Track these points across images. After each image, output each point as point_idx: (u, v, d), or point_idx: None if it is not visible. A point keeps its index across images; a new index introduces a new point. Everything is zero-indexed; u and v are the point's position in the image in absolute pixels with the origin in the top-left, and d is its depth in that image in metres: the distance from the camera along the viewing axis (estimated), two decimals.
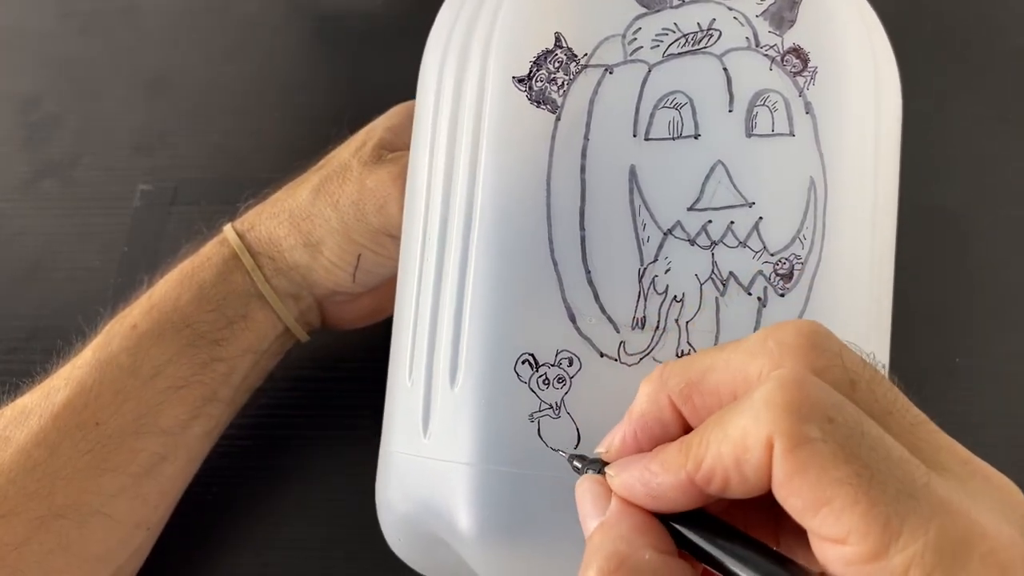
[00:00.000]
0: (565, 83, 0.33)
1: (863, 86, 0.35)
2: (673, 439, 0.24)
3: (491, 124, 0.33)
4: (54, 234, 0.55)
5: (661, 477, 0.23)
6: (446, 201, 0.34)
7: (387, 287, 0.44)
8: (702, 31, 0.33)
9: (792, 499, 0.20)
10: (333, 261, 0.42)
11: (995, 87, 0.57)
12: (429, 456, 0.33)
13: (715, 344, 0.32)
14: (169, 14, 0.65)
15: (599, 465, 0.26)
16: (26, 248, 0.55)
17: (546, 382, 0.32)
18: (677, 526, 0.24)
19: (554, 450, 0.31)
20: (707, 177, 0.33)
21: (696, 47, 0.33)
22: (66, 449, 0.38)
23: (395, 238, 0.41)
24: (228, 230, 0.43)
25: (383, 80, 0.60)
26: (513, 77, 0.33)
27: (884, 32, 0.36)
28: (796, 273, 0.33)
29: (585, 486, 0.26)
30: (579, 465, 0.27)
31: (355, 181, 0.42)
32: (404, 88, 0.42)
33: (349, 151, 0.43)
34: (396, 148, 0.43)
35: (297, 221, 0.42)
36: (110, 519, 0.38)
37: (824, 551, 0.20)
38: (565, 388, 0.32)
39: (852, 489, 0.20)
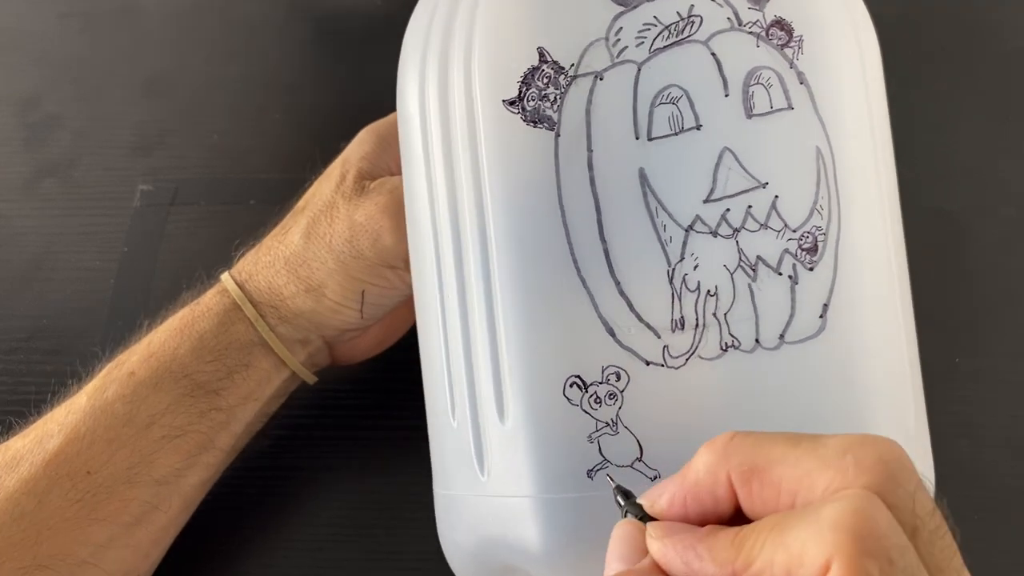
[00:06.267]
0: (557, 97, 0.32)
1: (847, 46, 0.34)
2: (721, 515, 0.24)
3: (489, 151, 0.33)
4: (54, 234, 0.55)
5: (706, 564, 0.23)
6: (456, 236, 0.34)
7: (394, 314, 0.44)
8: (683, 19, 0.33)
9: None
10: (338, 302, 0.41)
11: (995, 88, 0.57)
12: (491, 495, 0.33)
13: (756, 331, 0.32)
14: (169, 14, 0.64)
15: (639, 510, 0.26)
16: (26, 248, 0.55)
17: (598, 401, 0.32)
18: None
19: (603, 465, 0.31)
20: (717, 166, 0.32)
21: (680, 37, 0.33)
22: (55, 498, 0.37)
23: (395, 268, 0.41)
24: (227, 280, 0.42)
25: (383, 80, 0.59)
26: (503, 100, 0.32)
27: None
28: (820, 245, 0.33)
29: (624, 530, 0.26)
30: (620, 502, 0.27)
31: (344, 218, 0.41)
32: None
33: (330, 187, 0.42)
34: (375, 176, 0.42)
35: (294, 267, 0.41)
36: (97, 568, 0.38)
37: None
38: (618, 403, 0.32)
39: None
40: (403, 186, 0.37)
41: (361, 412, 0.48)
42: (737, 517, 0.24)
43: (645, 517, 0.26)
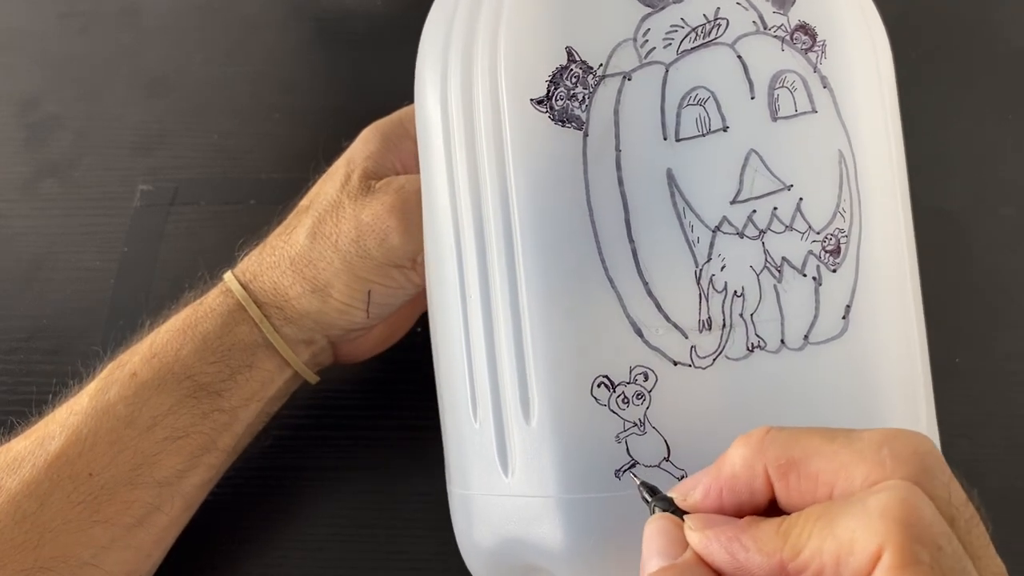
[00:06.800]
0: (586, 97, 0.32)
1: (864, 51, 0.35)
2: (755, 507, 0.25)
3: (515, 150, 0.32)
4: (54, 234, 0.55)
5: (752, 555, 0.23)
6: (480, 235, 0.33)
7: (398, 313, 0.44)
8: (709, 22, 0.33)
9: None
10: (344, 302, 0.41)
11: (995, 88, 0.57)
12: (515, 494, 0.33)
13: (781, 331, 0.32)
14: (169, 14, 0.64)
15: (667, 505, 0.26)
16: (26, 248, 0.55)
17: (625, 401, 0.32)
18: None
19: (627, 470, 0.31)
20: (743, 167, 0.32)
21: (707, 39, 0.33)
22: (57, 500, 0.37)
23: (402, 267, 0.41)
24: (231, 280, 0.42)
25: (383, 80, 0.60)
26: (531, 99, 0.32)
27: None
28: (843, 247, 0.33)
29: (660, 524, 0.26)
30: (648, 498, 0.27)
31: (350, 218, 0.41)
32: (404, 88, 0.42)
33: (335, 187, 0.42)
34: (380, 175, 0.42)
35: (300, 268, 0.41)
36: (99, 570, 0.38)
37: None
38: (645, 403, 0.32)
39: None
40: (419, 185, 0.37)
41: (362, 412, 0.48)
42: (769, 510, 0.25)
43: (675, 512, 0.26)
